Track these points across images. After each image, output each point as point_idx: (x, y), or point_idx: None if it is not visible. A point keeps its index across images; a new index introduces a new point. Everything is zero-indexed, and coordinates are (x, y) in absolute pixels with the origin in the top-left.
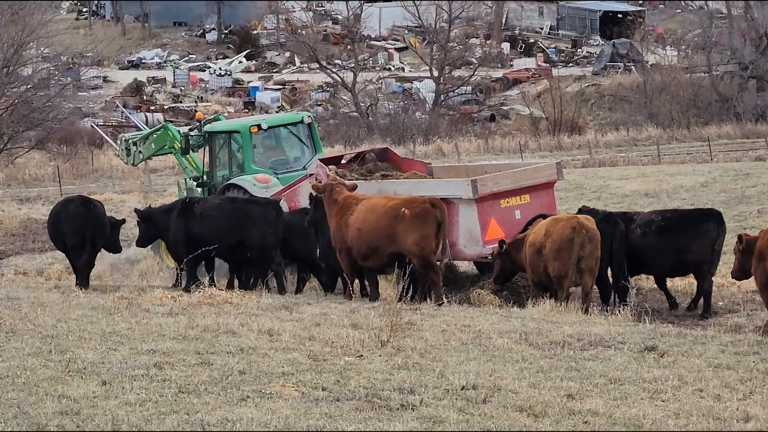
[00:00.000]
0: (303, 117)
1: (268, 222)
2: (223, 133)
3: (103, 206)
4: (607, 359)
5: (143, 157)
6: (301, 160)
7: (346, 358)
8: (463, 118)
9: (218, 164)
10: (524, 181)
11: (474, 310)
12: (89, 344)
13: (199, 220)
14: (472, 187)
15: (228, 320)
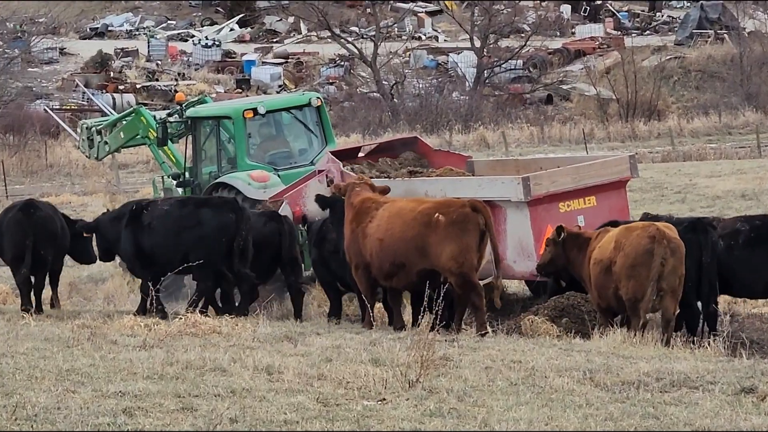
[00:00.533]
0: (311, 99)
1: (223, 228)
2: (209, 119)
3: (53, 209)
4: (693, 404)
5: (110, 149)
6: (308, 152)
7: (365, 403)
8: (512, 100)
9: (204, 158)
10: (589, 179)
11: (526, 341)
12: (42, 385)
13: (147, 230)
14: (523, 187)
15: (216, 354)
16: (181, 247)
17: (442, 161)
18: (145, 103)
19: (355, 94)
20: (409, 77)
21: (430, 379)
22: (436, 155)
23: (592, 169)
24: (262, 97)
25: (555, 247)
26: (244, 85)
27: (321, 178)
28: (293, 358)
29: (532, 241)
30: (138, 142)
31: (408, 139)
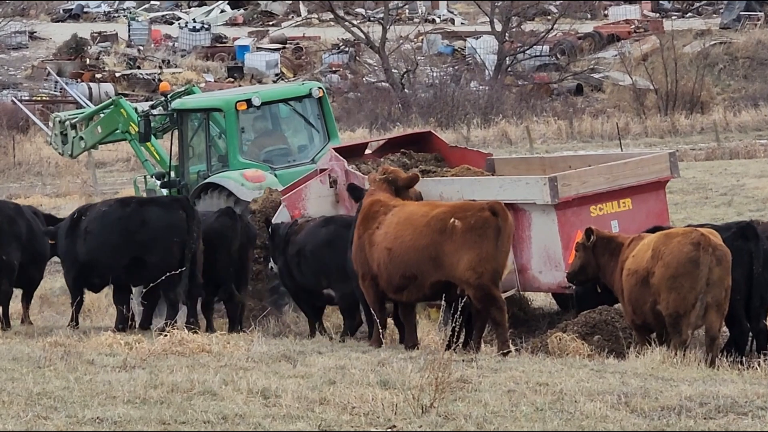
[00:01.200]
0: (311, 89)
1: (173, 229)
2: (198, 112)
3: (17, 209)
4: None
5: (86, 145)
6: (309, 150)
7: (373, 430)
8: (537, 91)
9: (191, 155)
10: (624, 180)
11: (553, 361)
12: (9, 410)
13: (84, 235)
14: (550, 188)
15: (206, 376)
16: (126, 252)
17: (459, 159)
18: (126, 93)
19: (361, 83)
20: (421, 65)
21: (445, 403)
22: (452, 152)
23: (628, 168)
24: (257, 87)
25: (585, 252)
26: (236, 74)
27: (323, 178)
28: (292, 380)
29: (559, 249)
30: (117, 137)
31: (421, 134)
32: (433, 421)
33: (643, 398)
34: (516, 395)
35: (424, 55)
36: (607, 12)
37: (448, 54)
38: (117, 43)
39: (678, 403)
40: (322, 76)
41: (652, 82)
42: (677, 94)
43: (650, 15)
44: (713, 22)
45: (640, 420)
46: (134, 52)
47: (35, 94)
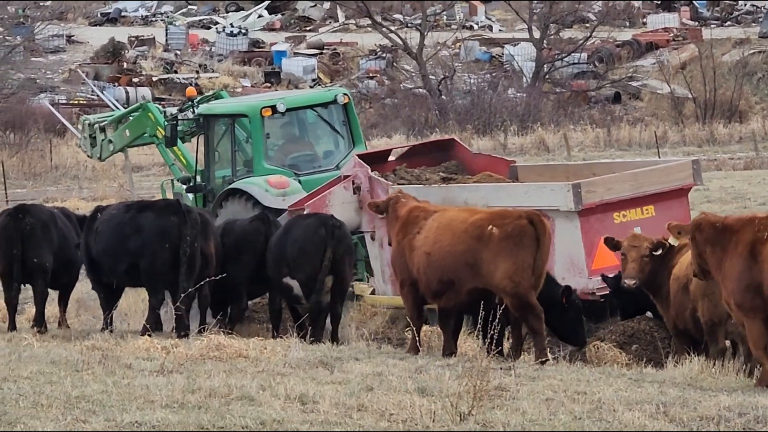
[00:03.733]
0: (337, 95)
1: (163, 234)
2: (223, 117)
3: (49, 215)
4: None
5: (114, 148)
6: (334, 156)
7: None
8: (574, 98)
9: (217, 160)
10: (648, 187)
11: (591, 370)
12: (48, 413)
13: (95, 236)
14: (573, 195)
15: (243, 381)
16: (124, 257)
17: (482, 166)
18: (163, 98)
19: (399, 89)
20: (459, 71)
21: (483, 411)
22: (475, 159)
23: (652, 175)
24: (283, 93)
25: (651, 260)
26: (273, 79)
27: (347, 184)
28: (329, 387)
29: (582, 256)
30: (145, 141)
31: (444, 142)
32: (471, 428)
33: (681, 408)
34: (554, 404)
35: (461, 62)
36: (645, 20)
37: (485, 61)
38: (154, 48)
39: (717, 413)
40: (359, 82)
41: (690, 90)
42: (715, 102)
43: (689, 23)
44: (752, 30)
45: (679, 429)
46: (171, 57)
47: (72, 97)
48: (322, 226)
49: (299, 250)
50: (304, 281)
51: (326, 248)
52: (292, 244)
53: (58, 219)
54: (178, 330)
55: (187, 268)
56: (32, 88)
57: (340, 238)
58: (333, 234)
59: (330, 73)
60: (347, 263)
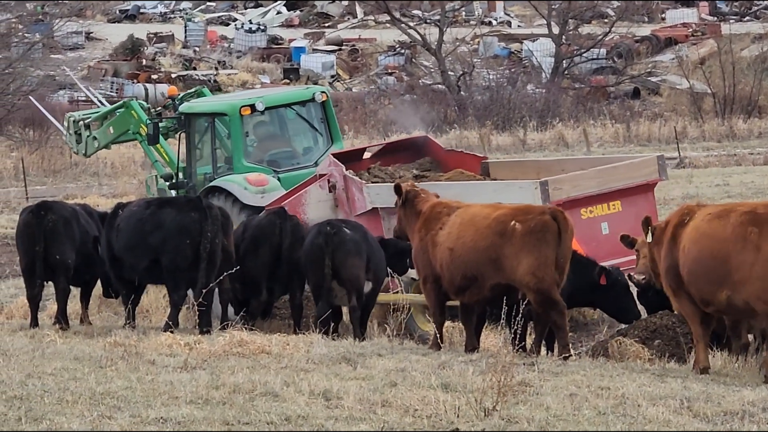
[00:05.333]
0: (315, 93)
1: (183, 231)
2: (204, 116)
3: (71, 211)
4: None
5: (99, 144)
6: (313, 153)
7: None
8: (594, 94)
9: (199, 158)
10: (614, 183)
11: (614, 366)
12: (74, 409)
13: (117, 233)
14: (541, 192)
15: (267, 377)
16: (146, 253)
17: (455, 163)
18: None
19: (417, 85)
20: (478, 67)
21: (508, 407)
22: (449, 157)
23: (618, 171)
24: (262, 92)
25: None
26: (292, 75)
27: (322, 183)
28: (353, 382)
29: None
30: (129, 138)
31: (417, 139)
32: (495, 424)
33: (705, 403)
34: (578, 399)
35: (480, 58)
36: (664, 15)
37: (504, 56)
38: (173, 44)
39: (741, 407)
40: (378, 78)
41: (709, 85)
42: (735, 98)
43: (708, 18)
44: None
45: (703, 425)
46: (190, 53)
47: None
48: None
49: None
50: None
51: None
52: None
53: (80, 216)
54: (201, 326)
55: (208, 264)
56: (51, 85)
57: (337, 244)
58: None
59: (349, 69)
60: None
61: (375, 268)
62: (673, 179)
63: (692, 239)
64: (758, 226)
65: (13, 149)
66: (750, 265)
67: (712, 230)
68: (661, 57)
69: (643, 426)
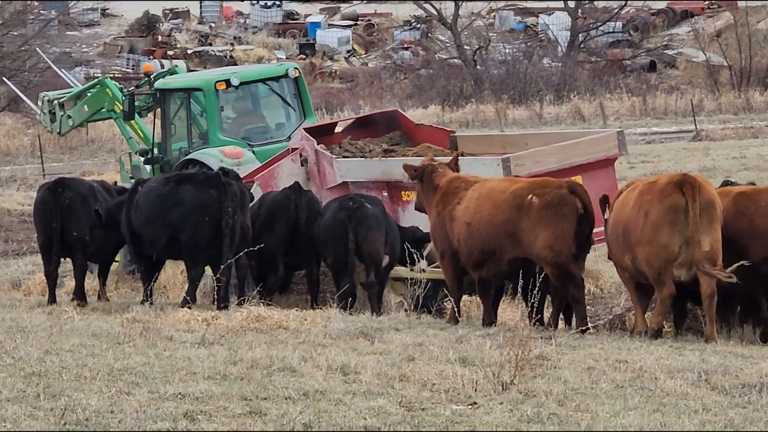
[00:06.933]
0: (288, 69)
1: (204, 207)
2: (179, 92)
3: (89, 188)
4: None
5: (73, 123)
6: (286, 127)
7: (454, 407)
8: (610, 67)
9: (174, 133)
10: (574, 158)
11: (632, 339)
12: (92, 386)
13: (136, 209)
14: (503, 168)
15: (284, 352)
16: (165, 230)
17: (424, 137)
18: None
19: (433, 60)
20: (493, 41)
21: (525, 380)
22: (418, 131)
23: (578, 147)
24: (236, 69)
25: None
26: (308, 51)
27: (294, 157)
28: (371, 357)
29: None
30: (103, 116)
31: (388, 113)
32: (513, 398)
33: (723, 376)
34: (596, 372)
35: (496, 32)
36: None
37: (520, 30)
38: (189, 20)
39: (759, 380)
40: (394, 53)
41: (725, 58)
42: (751, 70)
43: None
44: None
45: (722, 397)
46: (206, 29)
47: (107, 71)
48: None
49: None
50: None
51: (347, 231)
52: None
53: (97, 192)
54: (219, 302)
55: (230, 240)
56: (67, 61)
57: (359, 219)
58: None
59: (364, 44)
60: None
61: (392, 242)
62: (690, 152)
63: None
64: (650, 194)
65: (29, 126)
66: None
67: (626, 200)
68: (677, 30)
69: (661, 399)
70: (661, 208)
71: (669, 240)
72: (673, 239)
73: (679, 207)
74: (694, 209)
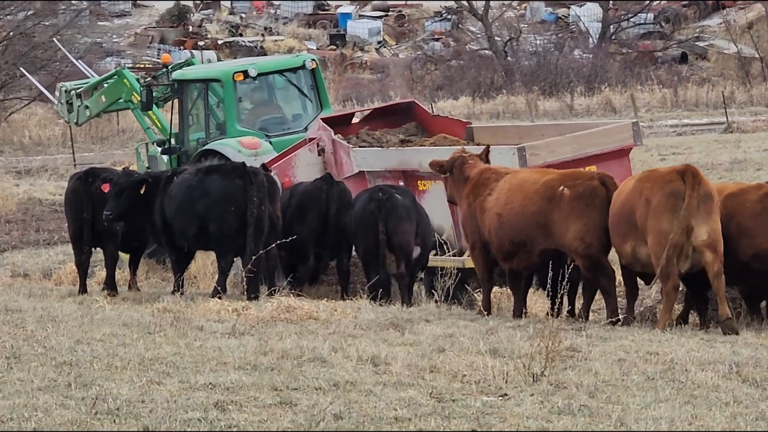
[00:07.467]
0: (305, 61)
1: (229, 197)
2: (197, 82)
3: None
4: None
5: (90, 113)
6: (303, 118)
7: (484, 398)
8: (641, 59)
9: (191, 124)
10: (589, 148)
11: (662, 331)
12: (123, 375)
13: (169, 199)
14: (519, 158)
15: (315, 343)
16: (194, 220)
17: (440, 128)
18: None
19: (464, 51)
20: (524, 33)
21: (556, 372)
22: (435, 121)
23: (593, 137)
24: (254, 60)
25: None
26: (338, 41)
27: (311, 146)
28: (401, 348)
29: None
30: (120, 106)
31: (405, 104)
32: (544, 389)
33: (754, 368)
34: (626, 364)
35: (527, 23)
36: None
37: (551, 22)
38: (219, 11)
39: None
40: (425, 44)
41: (757, 50)
42: None
43: None
44: None
45: (753, 390)
46: (236, 20)
47: (138, 61)
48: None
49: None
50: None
51: (377, 222)
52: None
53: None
54: (249, 292)
55: (255, 230)
56: (98, 52)
57: (389, 210)
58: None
59: (395, 35)
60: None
61: (423, 233)
62: (721, 144)
63: None
64: (651, 181)
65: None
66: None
67: (626, 186)
68: (708, 21)
69: (692, 391)
70: (661, 195)
71: (669, 226)
72: (673, 226)
73: (679, 194)
74: (691, 197)
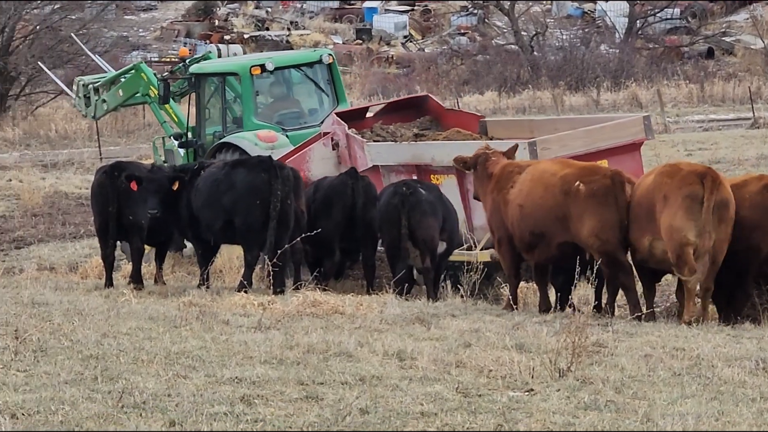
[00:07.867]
0: (322, 55)
1: (254, 191)
2: (214, 76)
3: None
4: None
5: (108, 107)
6: (319, 113)
7: (511, 393)
8: (667, 54)
9: (208, 117)
10: (601, 142)
11: (689, 327)
12: (149, 369)
13: (196, 193)
14: (530, 152)
15: (341, 337)
16: (221, 214)
17: (454, 122)
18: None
19: (490, 46)
20: (551, 27)
21: (582, 367)
22: (448, 115)
23: (605, 131)
24: (271, 54)
25: None
26: (364, 36)
27: (326, 140)
28: (427, 343)
29: None
30: (138, 100)
31: (419, 98)
32: (570, 384)
33: None
34: (653, 360)
35: (553, 18)
36: None
37: (577, 17)
38: (245, 5)
39: None
40: (451, 38)
41: None
42: None
43: None
44: None
45: None
46: (262, 14)
47: (164, 55)
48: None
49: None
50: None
51: (400, 217)
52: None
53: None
54: (275, 286)
55: (278, 224)
56: (125, 45)
57: (413, 204)
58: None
59: (421, 29)
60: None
61: (449, 228)
62: (747, 139)
63: None
64: (672, 178)
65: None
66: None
67: (646, 181)
68: (735, 17)
69: (719, 387)
70: (679, 195)
71: (683, 224)
72: (688, 225)
73: (697, 197)
74: (708, 201)
